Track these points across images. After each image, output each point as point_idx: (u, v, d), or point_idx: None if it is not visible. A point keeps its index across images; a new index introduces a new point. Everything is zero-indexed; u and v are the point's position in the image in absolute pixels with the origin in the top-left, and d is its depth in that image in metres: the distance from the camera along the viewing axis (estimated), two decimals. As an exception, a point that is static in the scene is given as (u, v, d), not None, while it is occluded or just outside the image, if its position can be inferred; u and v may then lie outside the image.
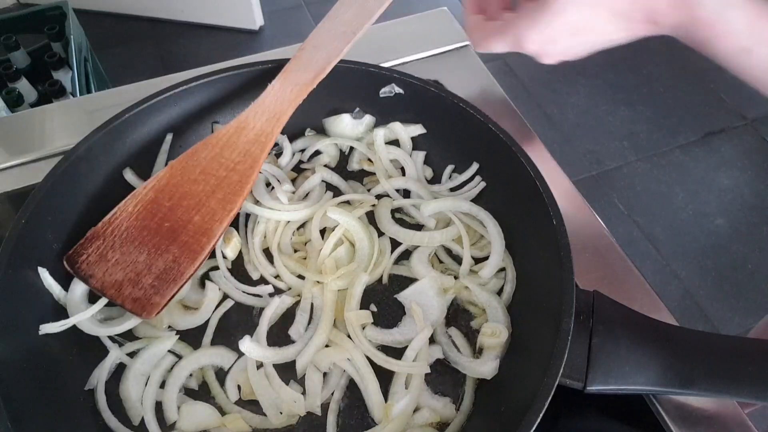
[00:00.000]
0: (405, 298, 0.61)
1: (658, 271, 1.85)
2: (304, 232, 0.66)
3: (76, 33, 1.76)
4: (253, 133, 0.62)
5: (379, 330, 0.58)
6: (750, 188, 2.06)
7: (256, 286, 0.62)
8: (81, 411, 0.53)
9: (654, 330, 0.53)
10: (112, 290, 0.57)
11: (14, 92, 1.51)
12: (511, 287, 0.61)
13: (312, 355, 0.56)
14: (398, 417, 0.53)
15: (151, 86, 0.74)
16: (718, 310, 1.76)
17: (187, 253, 0.58)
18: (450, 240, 0.65)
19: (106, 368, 0.55)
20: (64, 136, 0.78)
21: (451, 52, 0.90)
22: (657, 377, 0.50)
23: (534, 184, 0.58)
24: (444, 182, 0.70)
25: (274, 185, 0.67)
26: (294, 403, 0.54)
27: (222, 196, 0.60)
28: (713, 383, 0.49)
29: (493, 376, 0.55)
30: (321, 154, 0.74)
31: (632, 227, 1.95)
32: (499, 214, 0.65)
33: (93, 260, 0.58)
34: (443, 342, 0.58)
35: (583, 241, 0.67)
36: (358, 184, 0.71)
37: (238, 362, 0.57)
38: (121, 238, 0.59)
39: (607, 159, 2.13)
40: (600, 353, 0.51)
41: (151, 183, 0.61)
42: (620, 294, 0.60)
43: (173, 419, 0.54)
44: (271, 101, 0.63)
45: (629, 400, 0.57)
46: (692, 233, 1.94)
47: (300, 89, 0.63)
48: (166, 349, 0.57)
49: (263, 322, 0.58)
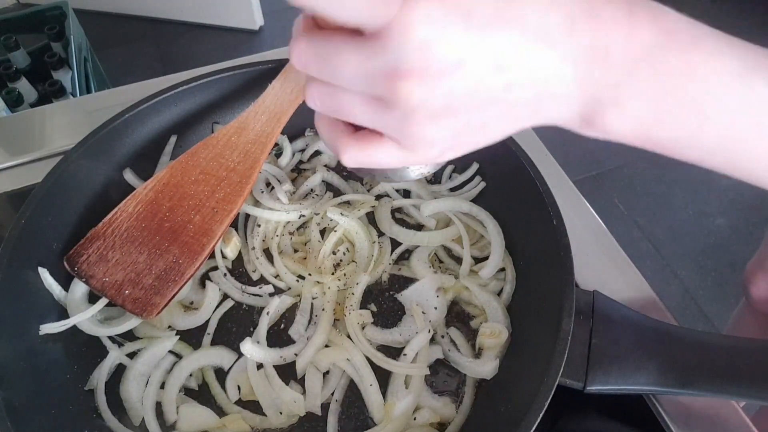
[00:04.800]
0: (405, 298, 0.61)
1: (658, 271, 1.85)
2: (304, 233, 0.66)
3: (76, 33, 1.76)
4: (253, 134, 0.62)
5: (379, 330, 0.58)
6: (750, 188, 2.04)
7: (256, 286, 0.62)
8: (81, 411, 0.53)
9: (654, 330, 0.53)
10: (112, 290, 0.57)
11: (14, 92, 1.51)
12: (511, 287, 0.61)
13: (312, 355, 0.56)
14: (398, 417, 0.53)
15: (151, 86, 0.74)
16: (718, 310, 1.75)
17: (187, 254, 0.58)
18: (450, 240, 0.65)
19: (106, 369, 0.55)
20: (64, 136, 0.78)
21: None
22: (657, 377, 0.50)
23: (534, 184, 0.58)
24: (444, 182, 0.70)
25: (274, 185, 0.67)
26: (294, 403, 0.54)
27: (222, 196, 0.60)
28: (713, 383, 0.49)
29: (493, 376, 0.55)
30: (321, 154, 0.74)
31: (632, 227, 1.95)
32: (499, 214, 0.65)
33: (93, 260, 0.58)
34: (443, 342, 0.58)
35: (583, 241, 0.67)
36: (358, 184, 0.71)
37: (238, 362, 0.57)
38: (122, 239, 0.59)
39: (607, 159, 2.13)
40: (600, 353, 0.51)
41: (151, 183, 0.61)
42: (620, 294, 0.60)
43: (173, 419, 0.54)
44: (271, 101, 0.63)
45: (629, 400, 0.57)
46: (692, 233, 1.93)
47: (300, 89, 0.63)
48: (166, 349, 0.57)
49: (263, 322, 0.58)
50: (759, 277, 0.78)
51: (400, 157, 0.33)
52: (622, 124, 0.33)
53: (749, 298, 0.80)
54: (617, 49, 0.30)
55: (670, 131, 0.33)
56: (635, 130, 0.33)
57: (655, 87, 0.31)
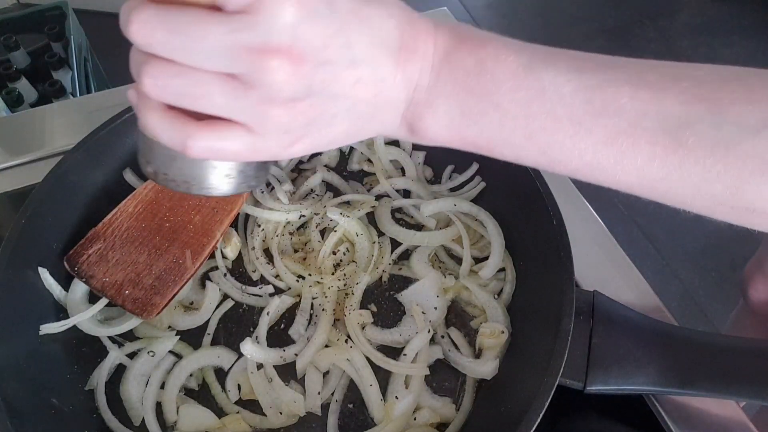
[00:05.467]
0: (405, 298, 0.61)
1: (658, 271, 1.85)
2: (304, 233, 0.66)
3: (76, 33, 1.75)
4: (253, 133, 0.62)
5: (379, 330, 0.58)
6: (750, 188, 2.06)
7: (256, 286, 0.62)
8: (81, 411, 0.53)
9: (654, 330, 0.53)
10: (112, 290, 0.57)
11: (14, 92, 1.51)
12: (511, 287, 0.61)
13: (312, 355, 0.56)
14: (398, 417, 0.53)
15: (151, 86, 0.74)
16: (718, 310, 1.75)
17: (187, 254, 0.58)
18: (450, 240, 0.65)
19: (106, 369, 0.55)
20: (64, 136, 0.78)
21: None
22: (657, 377, 0.50)
23: (534, 184, 0.58)
24: (444, 182, 0.70)
25: (274, 185, 0.67)
26: (294, 403, 0.54)
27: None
28: (713, 383, 0.49)
29: (493, 376, 0.55)
30: (321, 154, 0.74)
31: (632, 227, 1.95)
32: (499, 214, 0.65)
33: (93, 260, 0.58)
34: (443, 342, 0.58)
35: (583, 241, 0.67)
36: (358, 184, 0.71)
37: (238, 362, 0.57)
38: (122, 239, 0.59)
39: (607, 159, 2.13)
40: (600, 353, 0.51)
41: (151, 183, 0.61)
42: (620, 294, 0.60)
43: (173, 420, 0.54)
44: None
45: (629, 400, 0.57)
46: (692, 233, 1.93)
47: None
48: (166, 349, 0.57)
49: (263, 322, 0.58)
50: (757, 279, 0.77)
51: (250, 146, 0.32)
52: (437, 125, 0.35)
53: (747, 300, 0.80)
54: (427, 55, 0.34)
55: (478, 127, 0.35)
56: (449, 129, 0.35)
57: (455, 85, 0.34)
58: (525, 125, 0.34)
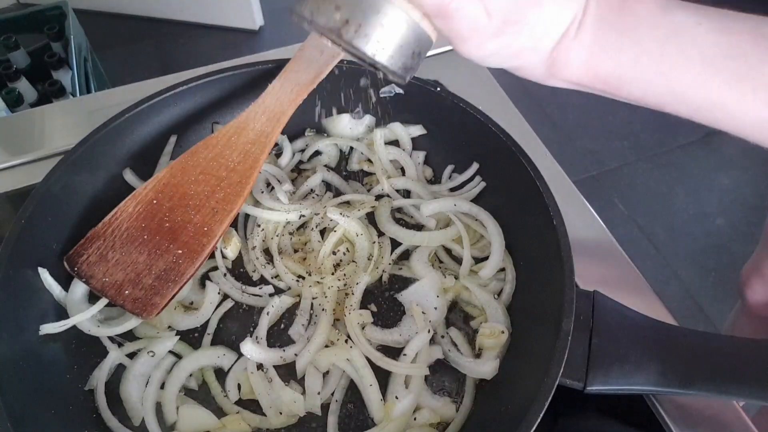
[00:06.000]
0: (405, 298, 0.61)
1: (658, 271, 1.85)
2: (304, 233, 0.66)
3: (76, 33, 1.75)
4: (253, 134, 0.62)
5: (379, 330, 0.58)
6: (750, 188, 2.06)
7: (256, 286, 0.62)
8: (81, 411, 0.53)
9: (654, 330, 0.53)
10: (112, 291, 0.57)
11: (14, 92, 1.51)
12: (511, 287, 0.61)
13: (312, 355, 0.56)
14: (398, 417, 0.53)
15: (151, 86, 0.74)
16: (718, 310, 1.75)
17: (187, 254, 0.58)
18: (450, 240, 0.65)
19: (106, 369, 0.55)
20: (64, 136, 0.78)
21: (451, 52, 0.89)
22: (657, 377, 0.50)
23: (534, 184, 0.58)
24: (444, 182, 0.70)
25: (274, 185, 0.67)
26: (294, 403, 0.54)
27: (222, 196, 0.60)
28: (713, 383, 0.49)
29: (493, 376, 0.55)
30: (321, 154, 0.74)
31: (632, 227, 1.95)
32: (499, 214, 0.65)
33: (93, 261, 0.58)
34: (443, 342, 0.58)
35: (583, 241, 0.67)
36: (358, 184, 0.71)
37: (238, 362, 0.57)
38: (122, 239, 0.59)
39: (607, 159, 2.13)
40: (600, 353, 0.51)
41: (151, 183, 0.61)
42: (620, 294, 0.60)
43: (173, 420, 0.54)
44: (271, 101, 0.63)
45: (629, 400, 0.57)
46: (692, 233, 1.93)
47: (300, 89, 0.63)
48: (166, 349, 0.57)
49: (263, 322, 0.58)
50: (754, 281, 0.78)
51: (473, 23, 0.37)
52: (578, 59, 0.39)
53: (745, 301, 0.80)
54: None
55: (614, 63, 0.39)
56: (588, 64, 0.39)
57: (601, 21, 0.38)
58: (659, 62, 0.38)
